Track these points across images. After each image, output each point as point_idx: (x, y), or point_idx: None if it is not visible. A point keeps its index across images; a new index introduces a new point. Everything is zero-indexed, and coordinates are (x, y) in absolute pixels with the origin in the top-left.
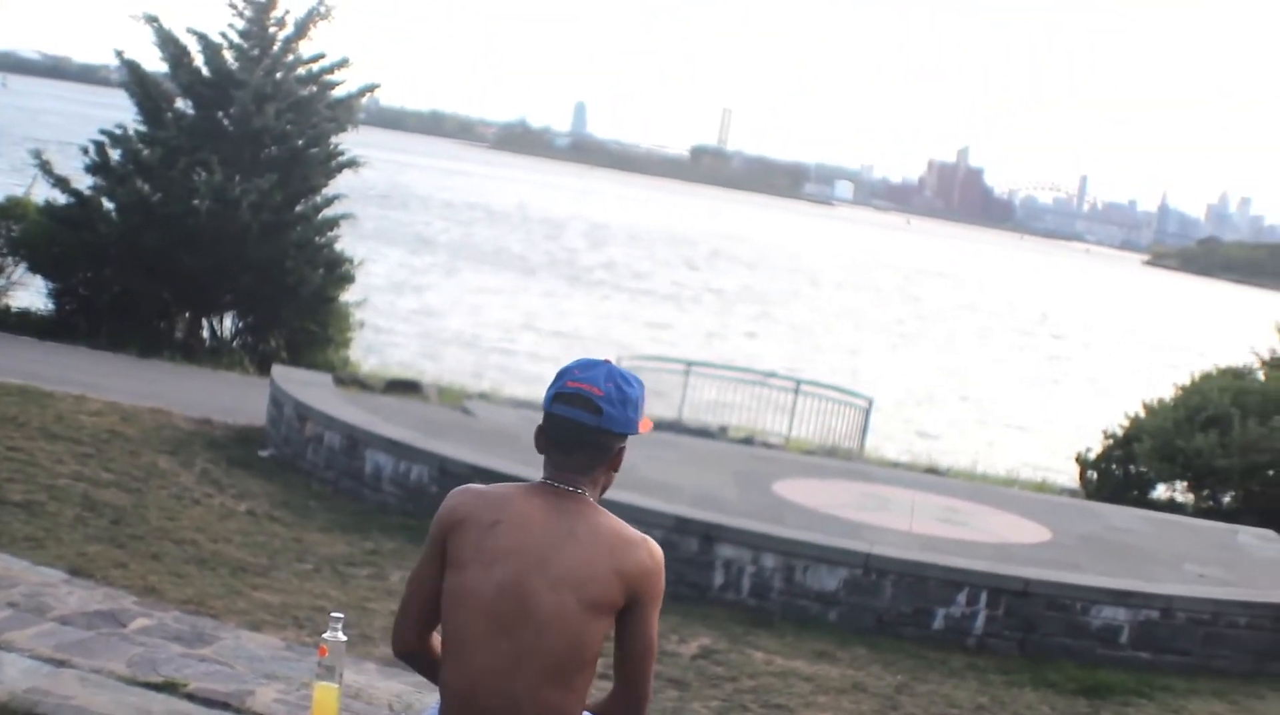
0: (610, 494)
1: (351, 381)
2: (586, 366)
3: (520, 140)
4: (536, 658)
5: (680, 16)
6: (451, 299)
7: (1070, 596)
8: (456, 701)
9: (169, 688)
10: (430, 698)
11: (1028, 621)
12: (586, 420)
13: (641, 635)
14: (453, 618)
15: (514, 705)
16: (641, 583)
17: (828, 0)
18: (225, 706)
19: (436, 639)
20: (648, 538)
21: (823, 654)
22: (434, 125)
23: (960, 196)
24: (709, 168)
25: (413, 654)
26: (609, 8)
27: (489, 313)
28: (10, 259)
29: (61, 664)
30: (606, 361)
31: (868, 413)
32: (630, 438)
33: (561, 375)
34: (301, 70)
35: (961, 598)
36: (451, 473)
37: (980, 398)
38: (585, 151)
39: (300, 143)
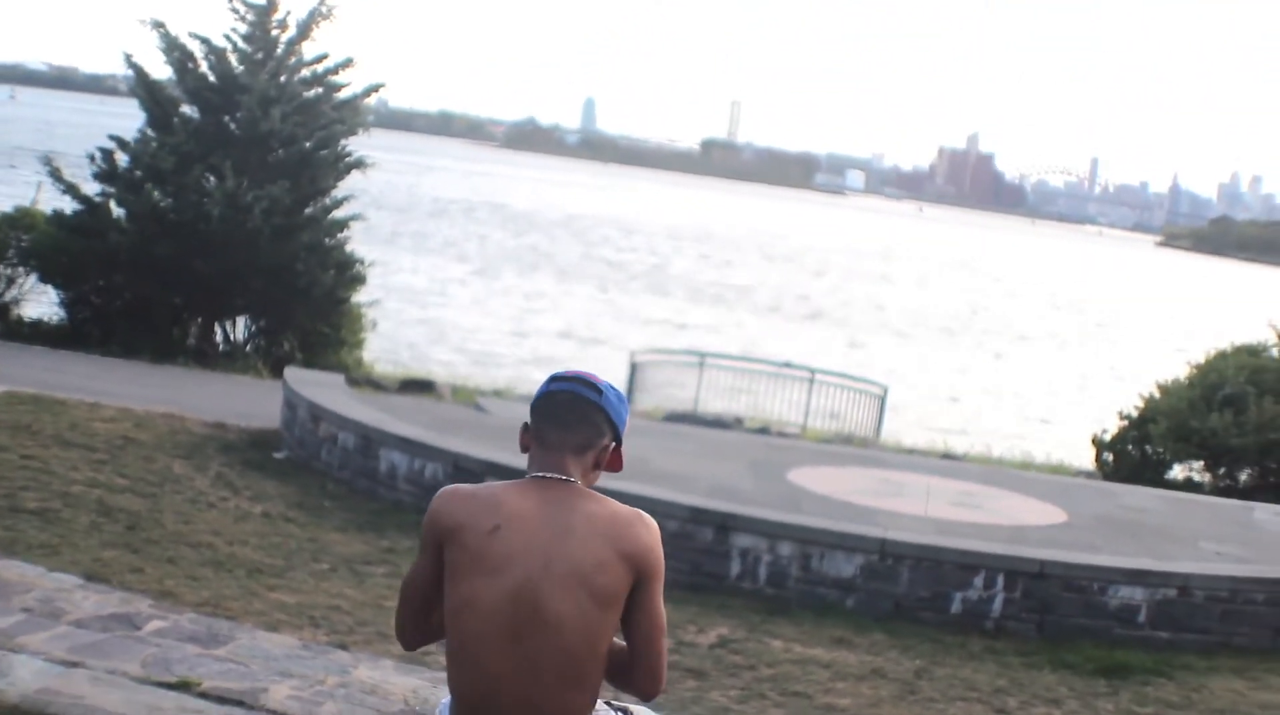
0: (626, 486)
1: (365, 382)
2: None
3: (530, 138)
4: (553, 661)
5: (687, 7)
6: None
7: (1087, 577)
8: (473, 704)
9: (182, 686)
10: (442, 691)
11: (1045, 603)
12: (588, 394)
13: (650, 610)
14: (461, 627)
15: (533, 710)
16: (645, 560)
17: None
18: (239, 704)
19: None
20: (641, 512)
21: (841, 640)
22: (443, 126)
23: (972, 182)
24: (719, 160)
25: (424, 641)
26: (615, 1)
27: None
28: (21, 269)
29: (74, 665)
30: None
31: (883, 401)
32: (641, 433)
33: (553, 376)
34: (306, 72)
35: (978, 581)
36: (465, 469)
37: (1002, 389)
38: (595, 148)
39: (308, 145)
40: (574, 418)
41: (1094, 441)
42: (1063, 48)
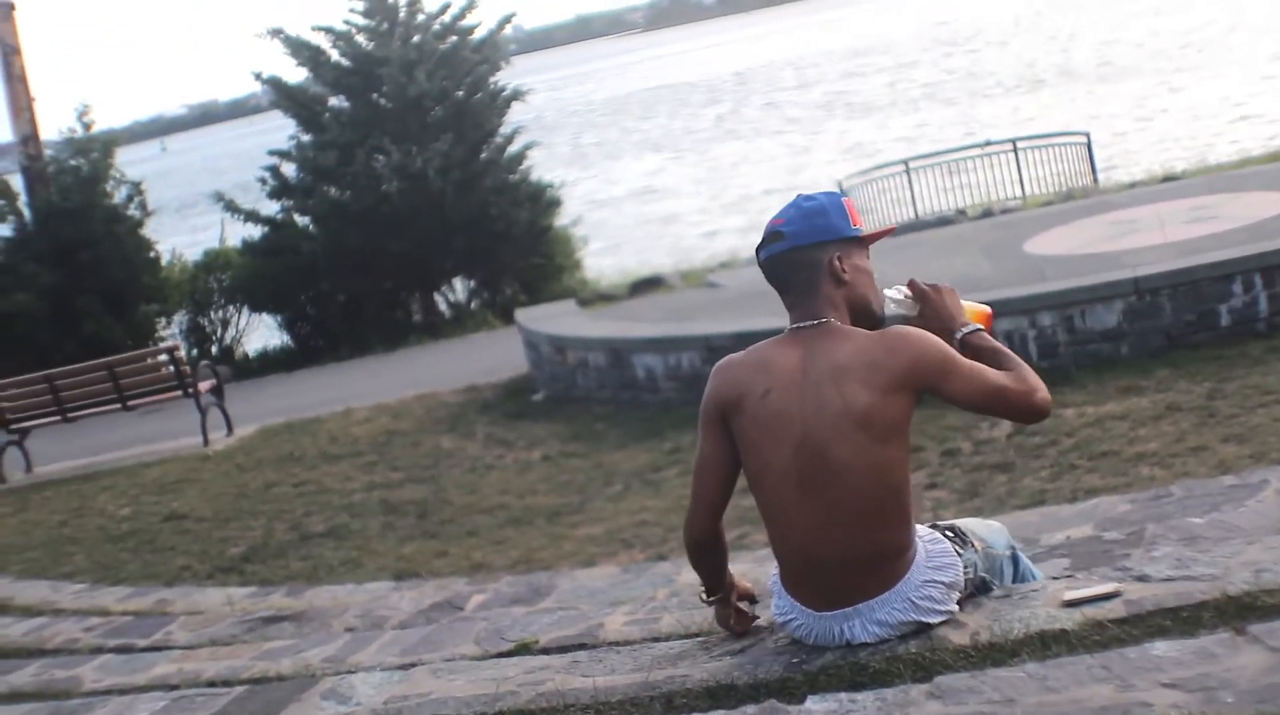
0: None
1: (596, 298)
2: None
3: (670, 13)
4: (850, 505)
5: None
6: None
7: None
8: (793, 564)
9: (521, 650)
10: (769, 567)
11: None
12: (776, 249)
13: (966, 392)
14: (763, 493)
15: (847, 552)
16: (914, 371)
17: None
18: (579, 646)
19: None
20: (889, 330)
21: (1128, 389)
22: (582, 30)
23: None
24: None
25: (703, 544)
26: None
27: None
28: (231, 308)
29: (411, 666)
30: (798, 195)
31: (1089, 146)
32: (879, 243)
33: (758, 246)
34: (435, 26)
35: (1237, 288)
36: (719, 347)
37: (1194, 103)
38: (734, 2)
39: (460, 94)
40: (782, 275)
41: None
42: None
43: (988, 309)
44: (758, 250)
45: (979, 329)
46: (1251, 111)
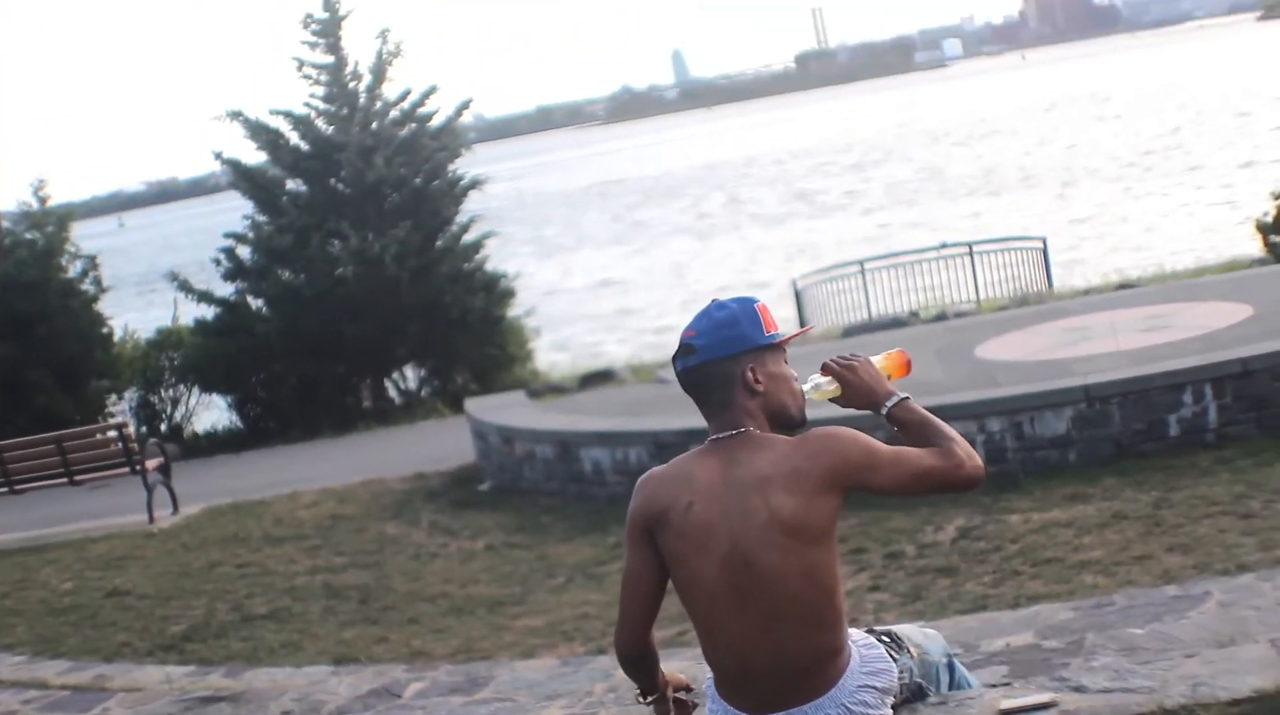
0: (817, 408)
1: (546, 389)
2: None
3: (630, 107)
4: (784, 611)
5: None
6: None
7: None
8: (727, 671)
9: None
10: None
11: (1258, 399)
12: (689, 362)
13: (892, 479)
14: (692, 605)
15: (781, 658)
16: (836, 470)
17: None
18: None
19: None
20: (809, 433)
21: (1075, 496)
22: (543, 121)
23: (1064, 17)
24: (817, 70)
25: (632, 657)
26: None
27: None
28: (181, 387)
29: None
30: (711, 301)
31: (1045, 252)
32: (823, 354)
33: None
34: (394, 113)
35: (1188, 397)
36: (666, 443)
37: (1155, 212)
38: (696, 96)
39: (418, 181)
40: (697, 388)
41: (1258, 227)
42: None
43: (903, 355)
44: (673, 359)
45: (903, 399)
46: (1210, 222)
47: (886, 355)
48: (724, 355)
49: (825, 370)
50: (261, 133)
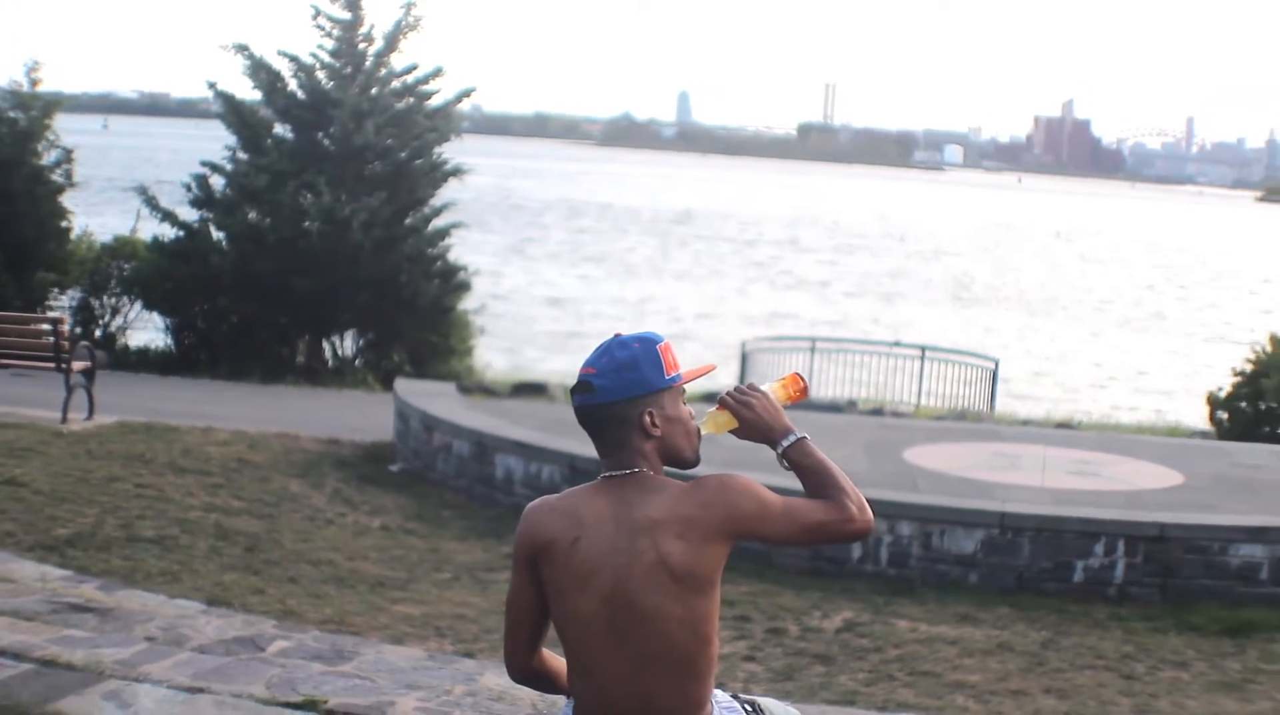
0: (743, 474)
1: (477, 389)
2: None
3: (627, 134)
4: (659, 655)
5: None
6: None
7: (1207, 537)
8: (591, 706)
9: (308, 705)
10: None
11: (1167, 566)
12: (586, 401)
13: (782, 530)
14: (569, 640)
15: (649, 703)
16: (726, 520)
17: None
18: None
19: (546, 654)
20: (701, 479)
21: (966, 617)
22: (539, 127)
23: (1069, 150)
24: (817, 144)
25: (529, 679)
26: None
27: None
28: (125, 298)
29: (198, 691)
30: (615, 336)
31: (995, 373)
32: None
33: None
34: (396, 84)
35: (1099, 548)
36: (581, 468)
37: (1110, 361)
38: (692, 140)
39: (403, 156)
40: (593, 426)
41: (1209, 400)
42: (1152, 6)
43: (798, 380)
44: (571, 392)
45: (800, 439)
46: (1159, 383)
47: (781, 382)
48: (622, 398)
49: (722, 406)
50: (262, 71)
